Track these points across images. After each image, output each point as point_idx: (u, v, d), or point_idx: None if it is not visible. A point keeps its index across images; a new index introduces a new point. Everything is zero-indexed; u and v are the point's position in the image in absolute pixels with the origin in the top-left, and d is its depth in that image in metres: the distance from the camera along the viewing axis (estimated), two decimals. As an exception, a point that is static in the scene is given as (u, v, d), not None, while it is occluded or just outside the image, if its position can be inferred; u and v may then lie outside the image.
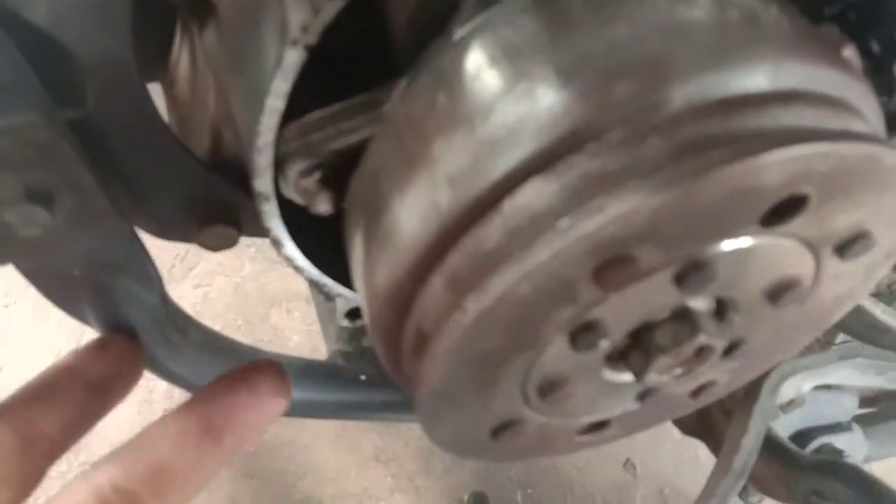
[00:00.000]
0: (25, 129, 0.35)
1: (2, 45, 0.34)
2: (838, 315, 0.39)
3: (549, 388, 0.34)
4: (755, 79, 0.26)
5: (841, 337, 0.75)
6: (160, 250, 0.47)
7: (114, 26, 0.34)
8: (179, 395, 1.11)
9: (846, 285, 0.36)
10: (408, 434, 1.15)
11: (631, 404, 0.39)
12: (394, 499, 1.05)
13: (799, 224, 0.29)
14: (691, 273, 0.29)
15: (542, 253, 0.25)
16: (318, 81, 0.35)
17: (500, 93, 0.28)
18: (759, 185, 0.25)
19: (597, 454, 1.25)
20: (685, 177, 0.25)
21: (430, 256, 0.28)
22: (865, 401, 0.94)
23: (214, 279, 1.18)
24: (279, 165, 0.35)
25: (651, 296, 0.30)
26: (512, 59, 0.29)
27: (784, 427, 0.72)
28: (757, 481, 0.69)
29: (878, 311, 0.98)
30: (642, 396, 0.39)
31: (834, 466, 0.64)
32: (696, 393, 0.41)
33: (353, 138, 0.34)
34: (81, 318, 0.51)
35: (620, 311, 0.30)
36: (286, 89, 0.32)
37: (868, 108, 0.31)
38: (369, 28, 0.38)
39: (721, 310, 0.34)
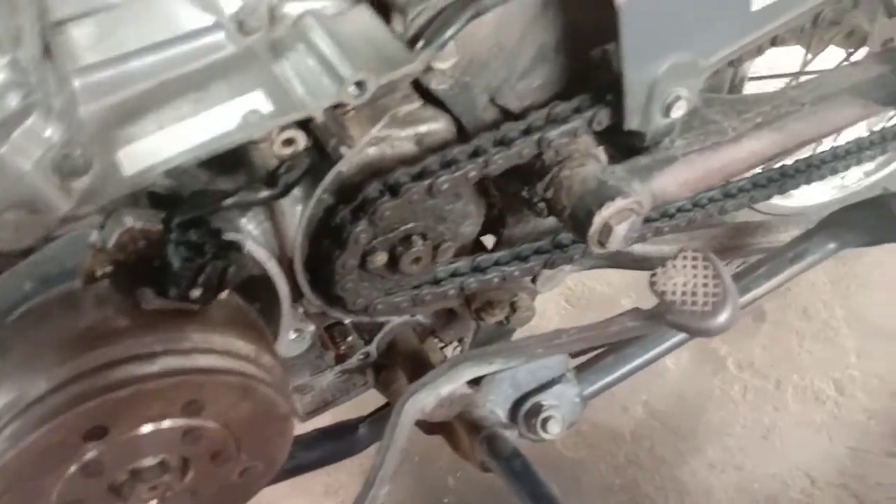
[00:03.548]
0: None
1: None
2: (280, 407, 0.63)
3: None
4: (38, 385, 0.52)
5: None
6: None
7: None
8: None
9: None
10: (350, 466, 1.43)
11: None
12: (345, 522, 1.34)
13: (122, 430, 0.54)
14: (85, 470, 0.55)
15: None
16: None
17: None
18: (61, 440, 0.52)
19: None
20: (18, 443, 0.51)
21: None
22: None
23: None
24: None
25: (80, 481, 0.56)
26: None
27: (502, 402, 0.93)
28: (461, 450, 0.92)
29: (637, 248, 1.16)
30: (194, 494, 0.65)
31: (493, 443, 0.86)
32: (241, 474, 0.67)
33: None
34: None
35: (88, 489, 0.57)
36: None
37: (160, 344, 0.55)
38: None
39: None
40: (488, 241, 0.95)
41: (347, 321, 0.86)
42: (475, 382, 0.89)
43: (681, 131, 0.85)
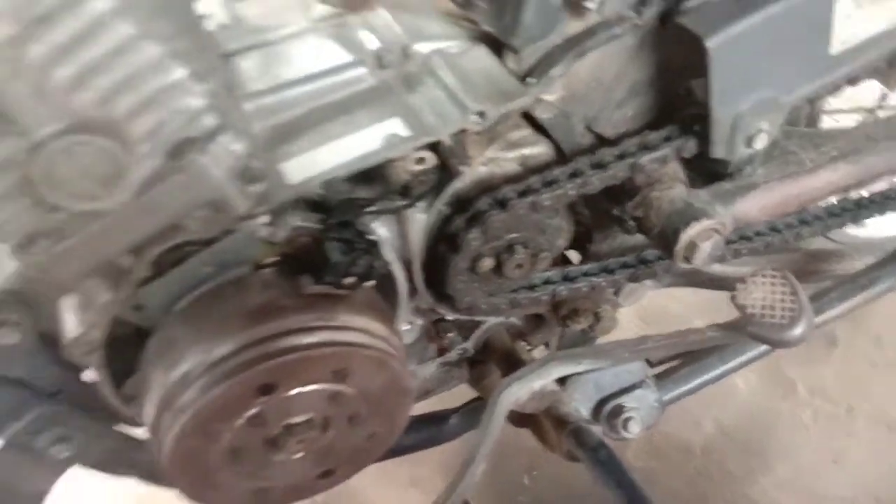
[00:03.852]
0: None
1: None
2: (405, 381, 0.74)
3: (255, 471, 0.73)
4: (223, 347, 0.65)
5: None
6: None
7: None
8: None
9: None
10: (431, 461, 1.54)
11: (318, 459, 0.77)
12: (429, 512, 1.44)
13: (286, 388, 0.66)
14: (251, 421, 0.67)
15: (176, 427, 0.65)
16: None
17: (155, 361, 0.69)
18: (239, 393, 0.64)
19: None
20: (207, 394, 0.64)
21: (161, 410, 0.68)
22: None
23: None
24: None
25: (246, 430, 0.68)
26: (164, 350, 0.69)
27: (585, 401, 1.02)
28: (548, 442, 1.01)
29: (716, 268, 1.24)
30: (329, 450, 0.76)
31: (580, 436, 0.94)
32: (369, 438, 0.78)
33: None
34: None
35: (251, 438, 0.69)
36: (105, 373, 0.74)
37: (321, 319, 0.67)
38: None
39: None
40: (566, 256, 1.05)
41: (450, 318, 0.97)
42: (561, 382, 0.99)
43: (762, 161, 0.93)
